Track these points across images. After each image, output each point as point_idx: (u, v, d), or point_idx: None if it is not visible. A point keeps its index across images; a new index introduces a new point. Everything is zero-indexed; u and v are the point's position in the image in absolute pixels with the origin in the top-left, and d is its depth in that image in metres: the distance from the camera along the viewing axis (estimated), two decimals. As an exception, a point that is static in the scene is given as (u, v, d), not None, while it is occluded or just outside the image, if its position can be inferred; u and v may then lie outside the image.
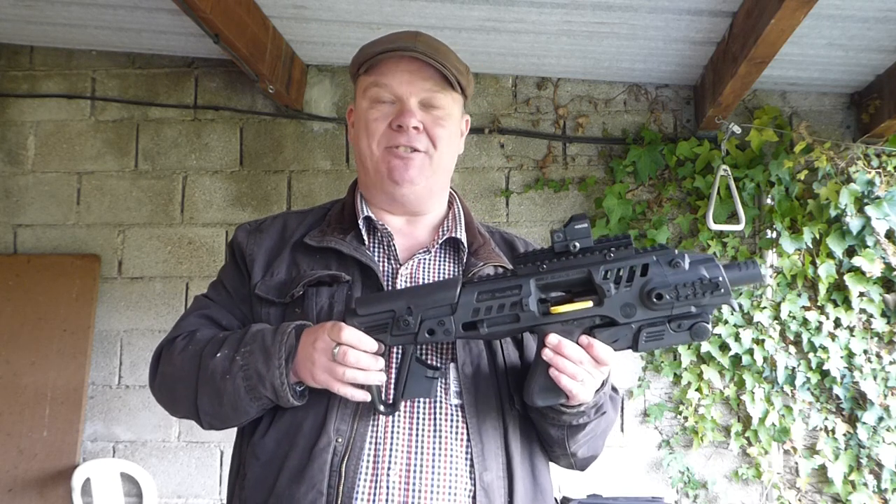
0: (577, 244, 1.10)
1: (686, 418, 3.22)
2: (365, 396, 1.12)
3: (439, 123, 1.29)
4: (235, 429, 1.29)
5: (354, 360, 1.10)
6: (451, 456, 1.16)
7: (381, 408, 1.13)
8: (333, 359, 1.10)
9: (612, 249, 1.10)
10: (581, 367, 1.11)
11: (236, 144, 3.57)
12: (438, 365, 1.19)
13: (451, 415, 1.18)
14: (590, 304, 1.11)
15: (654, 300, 1.07)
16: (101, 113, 3.65)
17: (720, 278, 1.07)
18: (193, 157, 3.58)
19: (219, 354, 1.18)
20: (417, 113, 1.27)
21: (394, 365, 1.19)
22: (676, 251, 1.10)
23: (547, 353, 1.11)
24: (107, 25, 3.32)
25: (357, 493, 1.12)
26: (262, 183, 3.54)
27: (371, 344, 1.12)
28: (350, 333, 1.11)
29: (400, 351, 1.19)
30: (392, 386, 1.17)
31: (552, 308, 1.12)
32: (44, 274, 3.48)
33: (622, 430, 3.28)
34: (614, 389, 1.31)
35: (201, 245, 3.52)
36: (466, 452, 1.17)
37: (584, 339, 1.11)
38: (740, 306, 3.22)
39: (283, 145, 3.55)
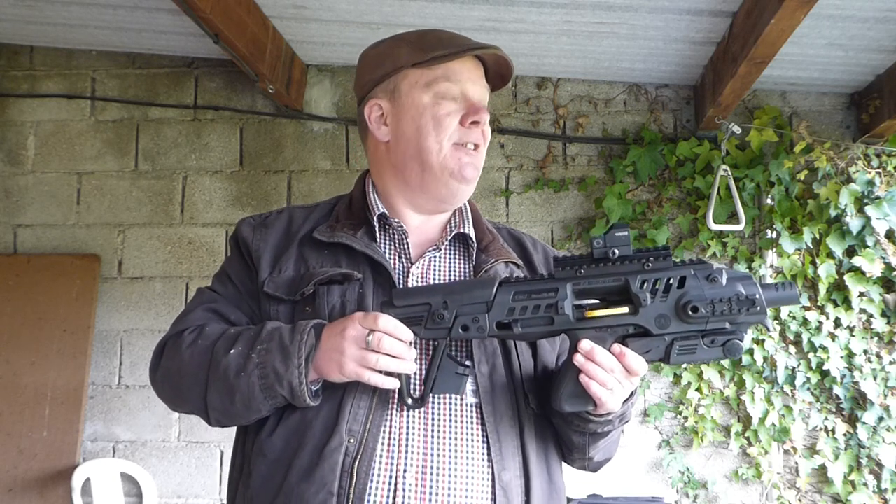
0: (616, 251, 1.10)
1: (686, 418, 3.22)
2: (394, 384, 1.11)
3: (487, 122, 1.31)
4: (235, 427, 1.27)
5: (389, 346, 1.10)
6: (469, 456, 1.15)
7: (409, 401, 1.13)
8: (366, 347, 1.10)
9: (650, 259, 1.10)
10: (612, 375, 1.11)
11: (236, 144, 3.57)
12: (468, 363, 1.18)
13: (468, 414, 1.18)
14: (625, 310, 1.10)
15: (690, 313, 1.07)
16: (101, 113, 3.65)
17: (757, 296, 1.06)
18: (193, 157, 3.58)
19: (233, 351, 1.17)
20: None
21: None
22: (715, 266, 1.09)
23: (578, 359, 1.11)
24: (107, 25, 3.31)
25: (369, 495, 1.11)
26: (262, 183, 3.54)
27: (406, 333, 1.12)
28: (386, 321, 1.11)
29: (422, 346, 1.19)
30: (418, 380, 1.17)
31: (587, 312, 1.12)
32: (44, 274, 3.47)
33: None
34: None
35: (201, 245, 3.52)
36: (484, 452, 1.16)
37: (617, 347, 1.11)
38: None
39: (283, 145, 3.55)
